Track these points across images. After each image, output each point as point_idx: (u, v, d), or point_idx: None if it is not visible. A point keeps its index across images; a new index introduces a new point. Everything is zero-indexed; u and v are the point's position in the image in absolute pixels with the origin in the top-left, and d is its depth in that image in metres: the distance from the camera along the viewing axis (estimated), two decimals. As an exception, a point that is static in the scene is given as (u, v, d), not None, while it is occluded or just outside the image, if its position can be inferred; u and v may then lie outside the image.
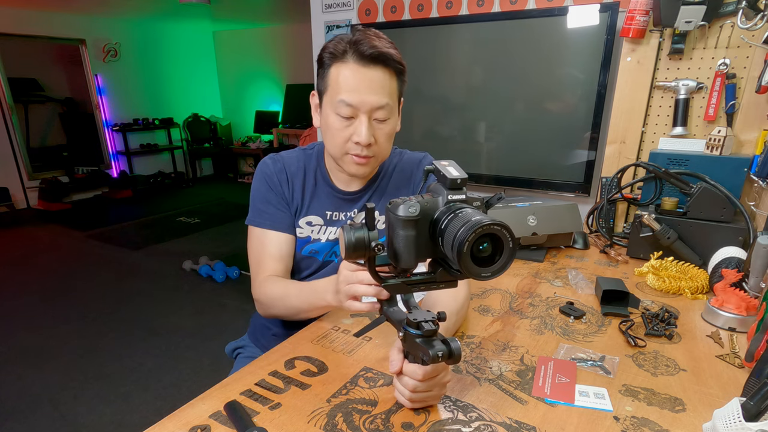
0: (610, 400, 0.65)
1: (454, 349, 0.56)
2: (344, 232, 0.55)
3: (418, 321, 0.57)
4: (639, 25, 1.40)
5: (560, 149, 1.87)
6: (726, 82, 1.31)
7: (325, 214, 0.98)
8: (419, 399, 0.62)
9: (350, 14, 2.33)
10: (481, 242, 0.49)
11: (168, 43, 6.41)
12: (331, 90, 0.84)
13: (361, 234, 0.55)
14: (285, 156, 0.99)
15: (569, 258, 1.26)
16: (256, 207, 0.96)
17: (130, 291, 3.02)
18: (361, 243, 0.55)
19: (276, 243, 0.95)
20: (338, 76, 0.83)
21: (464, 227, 0.48)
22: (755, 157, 1.20)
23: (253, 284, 0.96)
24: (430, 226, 0.55)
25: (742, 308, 0.86)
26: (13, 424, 1.80)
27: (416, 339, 0.57)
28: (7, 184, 4.94)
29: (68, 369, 2.15)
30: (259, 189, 0.96)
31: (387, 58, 0.82)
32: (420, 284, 0.60)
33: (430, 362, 0.56)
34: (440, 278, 0.59)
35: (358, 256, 0.56)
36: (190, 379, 2.06)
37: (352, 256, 0.56)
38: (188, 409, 0.64)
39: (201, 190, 6.18)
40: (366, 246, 0.55)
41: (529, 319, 0.90)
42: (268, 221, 0.95)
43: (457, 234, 0.48)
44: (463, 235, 0.47)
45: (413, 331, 0.58)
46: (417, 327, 0.58)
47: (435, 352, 0.55)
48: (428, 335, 0.57)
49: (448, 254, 0.51)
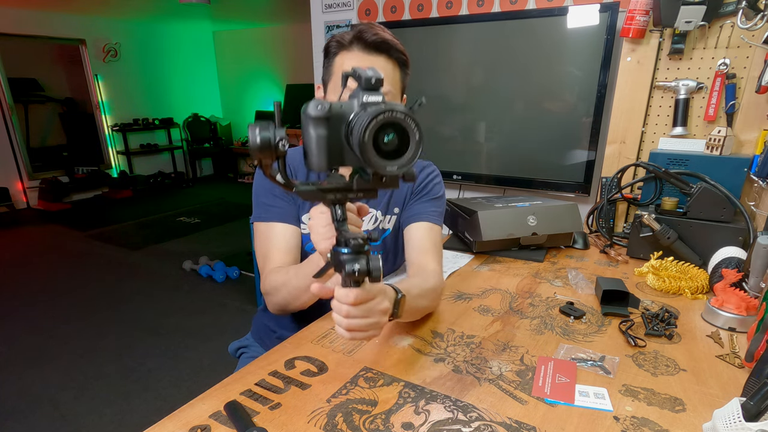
0: (610, 400, 0.65)
1: (372, 267, 0.55)
2: (250, 130, 0.52)
3: (347, 238, 0.56)
4: (639, 25, 1.40)
5: (560, 149, 1.87)
6: (726, 82, 1.31)
7: None
8: (357, 327, 0.61)
9: (350, 14, 2.33)
10: (385, 132, 0.47)
11: (168, 43, 6.41)
12: (335, 76, 0.87)
13: (267, 134, 0.52)
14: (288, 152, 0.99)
15: (569, 258, 1.26)
16: (261, 203, 0.96)
17: (130, 291, 3.02)
18: (267, 142, 0.51)
19: (282, 235, 0.94)
20: (343, 63, 0.85)
21: (365, 118, 0.46)
22: (755, 157, 1.20)
23: (261, 280, 0.95)
24: (343, 129, 0.52)
25: (742, 308, 0.86)
26: (13, 424, 1.80)
27: (341, 257, 0.55)
28: (7, 184, 4.94)
29: (68, 369, 2.15)
30: (263, 185, 0.96)
31: (390, 47, 0.85)
32: (335, 191, 0.56)
33: (344, 277, 0.55)
34: (357, 186, 0.56)
35: (265, 156, 0.53)
36: (190, 379, 2.06)
37: (259, 156, 0.53)
38: (188, 409, 0.64)
39: (201, 190, 6.18)
40: (272, 145, 0.52)
41: (529, 319, 0.90)
42: (275, 214, 0.94)
43: (360, 124, 0.47)
44: (364, 122, 0.46)
45: (342, 249, 0.56)
46: (345, 244, 0.56)
47: (351, 267, 0.53)
48: (356, 251, 0.55)
49: (357, 154, 0.49)
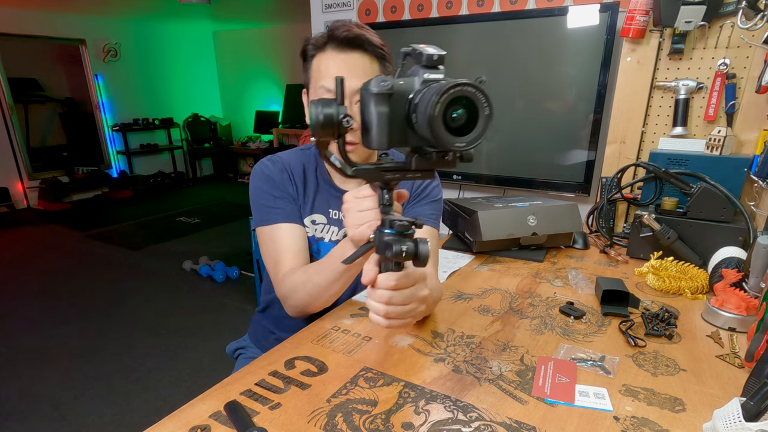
0: (610, 400, 0.65)
1: (420, 250, 0.53)
2: (314, 107, 0.50)
3: (391, 220, 0.54)
4: (639, 25, 1.40)
5: (560, 149, 1.87)
6: (726, 82, 1.31)
7: (328, 213, 0.98)
8: (396, 314, 0.59)
9: (350, 14, 2.33)
10: (454, 108, 0.46)
11: (168, 43, 6.41)
12: (314, 80, 0.86)
13: (330, 110, 0.50)
14: (283, 156, 0.98)
15: (569, 258, 1.26)
16: (262, 206, 0.93)
17: (130, 291, 3.02)
18: (329, 119, 0.50)
19: (290, 236, 0.91)
20: (319, 65, 0.85)
21: (435, 91, 0.45)
22: (755, 157, 1.20)
23: (275, 285, 0.92)
24: (405, 107, 0.51)
25: (742, 308, 0.86)
26: (13, 424, 1.80)
27: (385, 238, 0.54)
28: (7, 184, 4.94)
29: (68, 369, 2.15)
30: (262, 188, 0.94)
31: (363, 42, 0.83)
32: (394, 171, 0.55)
33: (393, 257, 0.53)
34: (416, 165, 0.55)
35: (327, 134, 0.52)
36: (190, 379, 2.07)
37: (321, 134, 0.51)
38: (188, 409, 0.64)
39: (201, 190, 6.18)
40: (335, 122, 0.51)
41: (529, 319, 0.90)
42: (279, 215, 0.92)
43: (429, 99, 0.45)
44: (434, 96, 0.44)
45: (385, 230, 0.54)
46: (390, 225, 0.54)
47: (399, 247, 0.52)
48: (400, 231, 0.53)
49: (422, 130, 0.47)
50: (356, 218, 0.64)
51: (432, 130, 0.45)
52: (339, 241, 0.99)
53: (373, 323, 0.61)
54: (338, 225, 0.99)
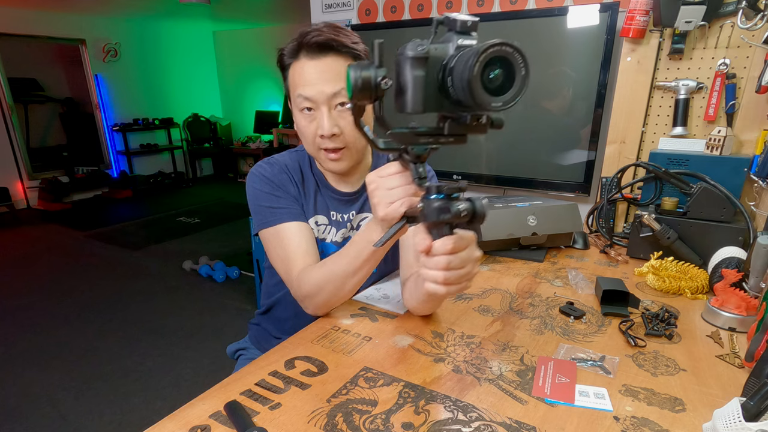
0: (610, 400, 0.65)
1: (478, 207, 0.53)
2: (351, 71, 0.50)
3: (437, 186, 0.54)
4: (639, 25, 1.40)
5: (560, 149, 1.87)
6: (726, 82, 1.31)
7: (329, 214, 0.98)
8: (455, 278, 0.58)
9: (350, 14, 2.33)
10: (492, 68, 0.46)
11: (168, 43, 6.41)
12: (291, 89, 0.86)
13: (367, 73, 0.50)
14: (279, 158, 0.97)
15: (569, 258, 1.26)
16: (263, 208, 0.90)
17: (130, 291, 3.02)
18: (367, 82, 0.50)
19: (298, 235, 0.89)
20: (294, 74, 0.85)
21: (473, 52, 0.45)
22: (755, 157, 1.20)
23: (290, 287, 0.89)
24: (439, 72, 0.50)
25: (742, 308, 0.86)
26: (13, 425, 1.80)
27: (435, 204, 0.54)
28: (7, 184, 4.94)
29: (68, 369, 2.15)
30: (263, 190, 0.91)
31: (335, 45, 0.82)
32: (428, 135, 0.55)
33: (453, 219, 0.53)
34: (450, 130, 0.54)
35: (364, 97, 0.51)
36: (190, 379, 2.07)
37: (359, 97, 0.51)
38: (188, 409, 0.64)
39: (201, 190, 6.18)
40: (372, 85, 0.50)
41: (529, 319, 0.90)
42: (283, 215, 0.89)
43: (467, 60, 0.45)
44: (472, 57, 0.44)
45: (434, 196, 0.54)
46: (438, 191, 0.54)
47: (458, 207, 0.52)
48: (450, 194, 0.54)
49: (459, 93, 0.48)
50: (386, 196, 0.62)
51: (471, 91, 0.45)
52: (338, 242, 0.98)
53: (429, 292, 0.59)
54: (337, 226, 0.98)
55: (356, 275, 0.79)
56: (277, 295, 1.05)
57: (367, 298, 0.99)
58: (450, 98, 0.50)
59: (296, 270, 0.86)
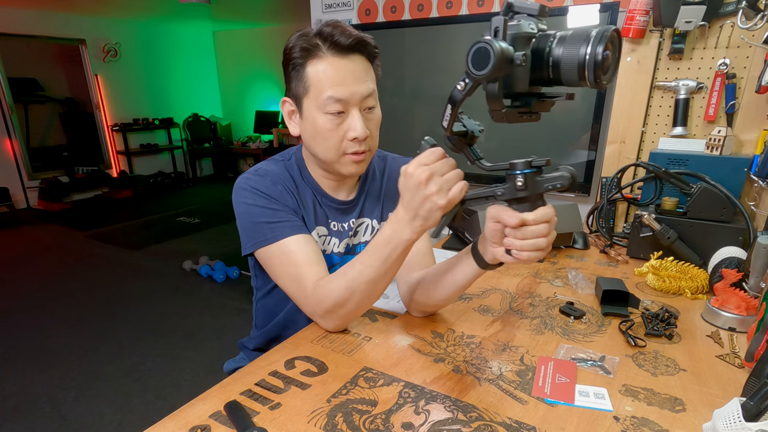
0: (610, 400, 0.65)
1: (573, 174, 0.59)
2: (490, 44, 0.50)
3: (527, 160, 0.59)
4: (639, 25, 1.40)
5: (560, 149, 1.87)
6: (726, 82, 1.31)
7: (329, 224, 0.93)
8: (550, 242, 0.62)
9: (350, 14, 2.33)
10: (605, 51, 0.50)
11: (168, 43, 6.41)
12: (315, 89, 0.78)
13: (509, 48, 0.51)
14: (267, 169, 0.89)
15: (569, 258, 1.26)
16: (262, 224, 0.83)
17: (130, 291, 3.02)
18: (509, 57, 0.51)
19: (305, 246, 0.82)
20: (318, 72, 0.77)
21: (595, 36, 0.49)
22: (755, 157, 1.20)
23: (306, 305, 0.82)
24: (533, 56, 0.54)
25: (742, 308, 0.86)
26: (13, 425, 1.80)
27: (537, 177, 0.59)
28: (7, 184, 4.94)
29: (68, 369, 2.15)
30: (257, 204, 0.84)
31: (366, 44, 0.79)
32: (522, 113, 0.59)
33: (567, 186, 0.58)
34: (535, 108, 0.58)
35: (499, 72, 0.52)
36: (190, 379, 2.07)
37: (494, 72, 0.51)
38: (188, 409, 0.64)
39: (201, 190, 6.18)
40: (510, 60, 0.52)
41: (529, 319, 0.90)
42: (286, 229, 0.82)
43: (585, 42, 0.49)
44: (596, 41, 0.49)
45: (530, 170, 0.59)
46: (529, 165, 0.59)
47: (563, 175, 0.58)
48: (539, 166, 0.59)
49: (563, 72, 0.52)
50: (445, 182, 0.62)
51: (594, 70, 0.49)
52: (341, 253, 0.94)
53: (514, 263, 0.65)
54: (338, 236, 0.94)
55: (386, 277, 0.73)
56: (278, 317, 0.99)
57: None
58: (542, 77, 0.54)
59: (309, 283, 0.79)
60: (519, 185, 0.60)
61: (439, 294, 0.81)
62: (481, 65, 0.51)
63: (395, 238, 0.68)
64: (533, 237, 0.60)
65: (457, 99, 0.58)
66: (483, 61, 0.51)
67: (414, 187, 0.63)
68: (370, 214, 0.97)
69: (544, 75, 0.54)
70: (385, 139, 0.96)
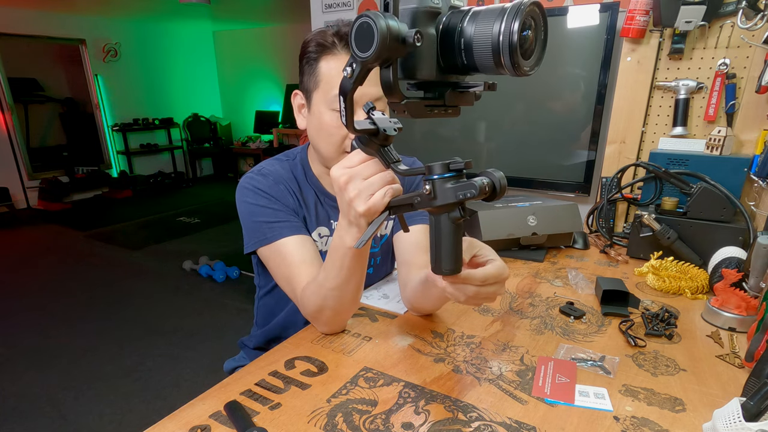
0: (610, 400, 0.65)
1: (497, 179, 0.50)
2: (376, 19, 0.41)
3: (441, 164, 0.49)
4: (639, 25, 1.40)
5: (560, 149, 1.87)
6: (726, 82, 1.31)
7: (330, 224, 0.94)
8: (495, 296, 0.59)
9: (350, 14, 2.33)
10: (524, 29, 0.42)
11: (168, 43, 6.41)
12: (325, 85, 0.78)
13: (398, 26, 0.42)
14: (270, 169, 0.90)
15: (569, 258, 1.26)
16: (261, 224, 0.83)
17: (130, 291, 3.02)
18: (397, 36, 0.42)
19: (300, 248, 0.82)
20: (330, 70, 0.77)
21: (508, 12, 0.41)
22: (755, 157, 1.20)
23: (299, 307, 0.82)
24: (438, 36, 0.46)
25: (742, 308, 0.86)
26: (13, 425, 1.80)
27: (447, 184, 0.49)
28: (7, 184, 4.94)
29: (68, 369, 2.15)
30: (258, 204, 0.85)
31: None
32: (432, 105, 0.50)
33: (478, 196, 0.49)
34: (449, 101, 0.50)
35: (388, 54, 0.43)
36: (190, 379, 2.06)
37: (382, 54, 0.42)
38: (188, 409, 0.64)
39: (201, 190, 6.18)
40: (401, 40, 0.42)
41: (529, 319, 0.90)
42: (284, 229, 0.83)
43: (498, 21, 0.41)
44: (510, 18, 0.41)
45: (444, 175, 0.49)
46: (447, 169, 0.49)
47: (480, 182, 0.48)
48: (458, 170, 0.50)
49: (477, 56, 0.43)
50: (366, 188, 0.56)
51: (509, 53, 0.41)
52: None
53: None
54: None
55: (350, 284, 0.71)
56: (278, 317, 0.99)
57: (367, 298, 0.99)
58: (455, 63, 0.45)
59: (299, 286, 0.80)
60: (426, 193, 0.51)
61: (433, 294, 0.82)
62: (364, 46, 0.43)
63: (341, 246, 0.66)
64: (484, 297, 0.58)
65: (347, 88, 0.49)
66: (367, 40, 0.42)
67: (338, 191, 0.59)
68: None
69: (457, 60, 0.45)
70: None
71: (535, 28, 0.44)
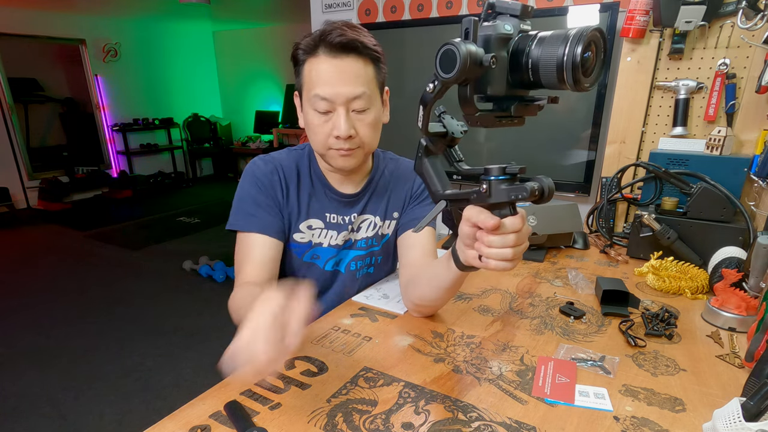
0: (610, 400, 0.65)
1: (546, 185, 0.57)
2: (458, 46, 0.48)
3: (501, 166, 0.56)
4: (639, 25, 1.40)
5: (560, 149, 1.87)
6: (726, 82, 1.31)
7: (325, 217, 0.95)
8: (519, 253, 0.61)
9: (350, 14, 2.33)
10: (587, 50, 0.48)
11: (168, 43, 6.41)
12: (307, 86, 0.83)
13: (477, 50, 0.48)
14: (276, 156, 0.95)
15: (569, 258, 1.26)
16: (243, 210, 0.90)
17: (130, 291, 3.02)
18: (476, 60, 0.48)
19: (260, 247, 0.88)
20: (311, 71, 0.81)
21: (573, 36, 0.47)
22: (755, 157, 1.20)
23: (232, 294, 0.87)
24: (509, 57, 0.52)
25: (742, 308, 0.86)
26: (13, 425, 1.80)
27: (502, 185, 0.57)
28: (7, 184, 4.94)
29: (68, 369, 2.15)
30: (249, 191, 0.90)
31: (358, 45, 0.79)
32: (501, 117, 0.56)
33: (529, 198, 0.55)
34: (516, 112, 0.56)
35: (467, 75, 0.49)
36: (190, 379, 2.07)
37: (461, 76, 0.49)
38: (188, 409, 0.64)
39: (201, 190, 6.18)
40: (479, 63, 0.49)
41: (529, 319, 0.90)
42: (256, 224, 0.89)
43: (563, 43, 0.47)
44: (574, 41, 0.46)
45: (500, 177, 0.57)
46: (503, 172, 0.56)
47: (531, 186, 0.54)
48: (512, 174, 0.56)
49: (543, 74, 0.50)
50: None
51: (572, 72, 0.47)
52: (339, 245, 0.96)
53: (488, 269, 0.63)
54: (337, 229, 0.96)
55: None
56: None
57: (367, 298, 0.99)
58: (522, 80, 0.52)
59: (240, 280, 0.86)
60: (483, 191, 0.59)
61: (430, 294, 0.82)
62: (448, 68, 0.50)
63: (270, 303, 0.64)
64: (499, 246, 0.60)
65: (427, 100, 0.58)
66: (450, 63, 0.49)
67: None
68: (373, 211, 0.99)
69: (524, 78, 0.52)
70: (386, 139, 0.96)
71: (596, 51, 0.49)
